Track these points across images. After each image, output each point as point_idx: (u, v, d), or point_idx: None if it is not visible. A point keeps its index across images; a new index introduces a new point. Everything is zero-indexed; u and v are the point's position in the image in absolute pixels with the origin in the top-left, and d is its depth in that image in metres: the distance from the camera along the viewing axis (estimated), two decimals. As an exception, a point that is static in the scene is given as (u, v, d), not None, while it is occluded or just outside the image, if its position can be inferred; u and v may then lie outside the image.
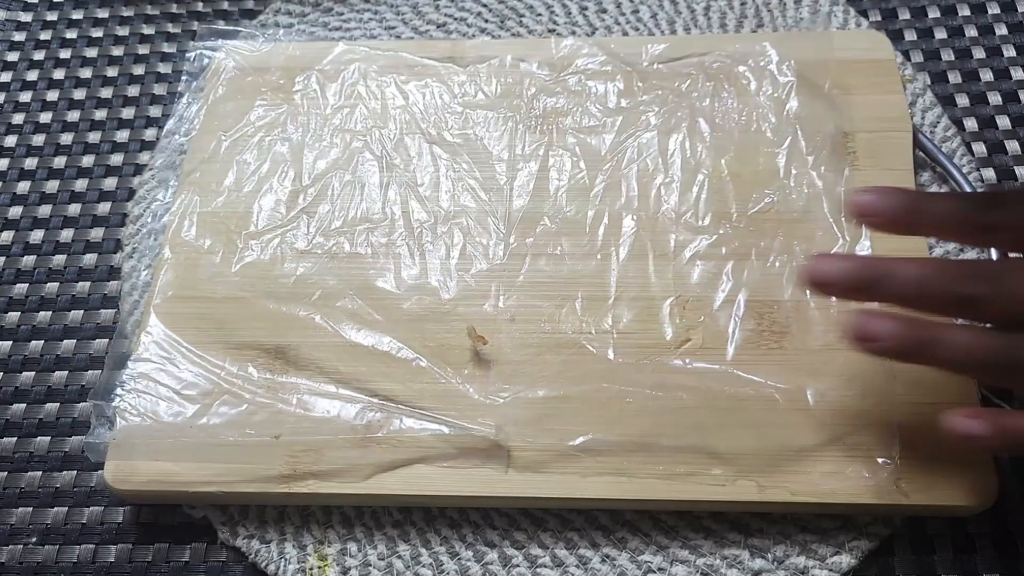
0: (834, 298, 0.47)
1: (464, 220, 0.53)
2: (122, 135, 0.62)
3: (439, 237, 0.53)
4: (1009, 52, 0.60)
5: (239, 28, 0.63)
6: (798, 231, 0.51)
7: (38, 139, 0.63)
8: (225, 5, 0.68)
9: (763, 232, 0.51)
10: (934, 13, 0.63)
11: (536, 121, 0.57)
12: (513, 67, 0.59)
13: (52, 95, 0.65)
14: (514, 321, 0.50)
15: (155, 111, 0.63)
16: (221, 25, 0.66)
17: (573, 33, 0.63)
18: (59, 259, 0.58)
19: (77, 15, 0.69)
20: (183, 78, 0.61)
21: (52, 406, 0.52)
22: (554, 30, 0.64)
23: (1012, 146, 0.56)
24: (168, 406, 0.48)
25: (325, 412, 0.47)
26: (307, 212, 0.54)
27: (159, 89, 0.64)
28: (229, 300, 0.51)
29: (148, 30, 0.67)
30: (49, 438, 0.51)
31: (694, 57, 0.58)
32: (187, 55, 0.61)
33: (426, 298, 0.51)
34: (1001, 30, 0.61)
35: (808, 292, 0.49)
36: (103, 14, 0.69)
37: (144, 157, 0.61)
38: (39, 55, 0.67)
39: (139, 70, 0.65)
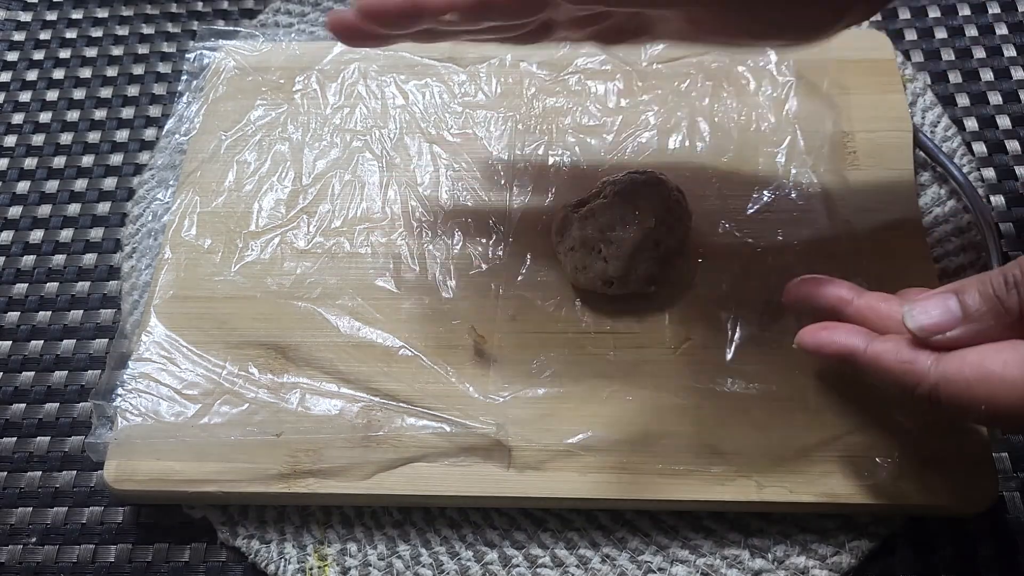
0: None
1: (464, 220, 0.53)
2: (122, 135, 0.62)
3: (439, 236, 0.53)
4: (1009, 52, 0.60)
5: (239, 28, 0.63)
6: (797, 231, 0.51)
7: (38, 139, 0.63)
8: (225, 5, 0.68)
9: (763, 232, 0.51)
10: (934, 13, 0.63)
11: (536, 121, 0.57)
12: (513, 67, 0.59)
13: (52, 95, 0.65)
14: (514, 320, 0.50)
15: (155, 111, 0.63)
16: (221, 25, 0.66)
17: (573, 33, 0.63)
18: (59, 259, 0.58)
19: (77, 15, 0.69)
20: (183, 78, 0.61)
21: (52, 406, 0.52)
22: (554, 30, 0.64)
23: (1012, 146, 0.56)
24: (169, 406, 0.48)
25: (326, 411, 0.47)
26: (307, 212, 0.54)
27: (159, 89, 0.64)
28: (229, 299, 0.51)
29: (148, 30, 0.67)
30: (49, 438, 0.51)
31: (693, 57, 0.58)
32: (187, 55, 0.61)
33: (426, 297, 0.51)
34: (1001, 30, 0.61)
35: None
36: (103, 14, 0.69)
37: (144, 157, 0.61)
38: (39, 55, 0.67)
39: (139, 70, 0.66)
